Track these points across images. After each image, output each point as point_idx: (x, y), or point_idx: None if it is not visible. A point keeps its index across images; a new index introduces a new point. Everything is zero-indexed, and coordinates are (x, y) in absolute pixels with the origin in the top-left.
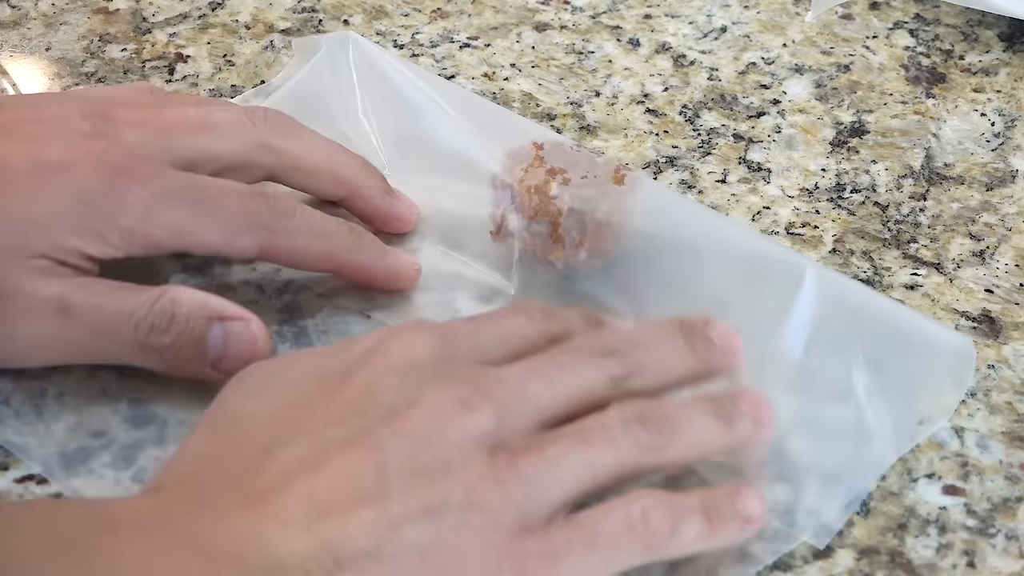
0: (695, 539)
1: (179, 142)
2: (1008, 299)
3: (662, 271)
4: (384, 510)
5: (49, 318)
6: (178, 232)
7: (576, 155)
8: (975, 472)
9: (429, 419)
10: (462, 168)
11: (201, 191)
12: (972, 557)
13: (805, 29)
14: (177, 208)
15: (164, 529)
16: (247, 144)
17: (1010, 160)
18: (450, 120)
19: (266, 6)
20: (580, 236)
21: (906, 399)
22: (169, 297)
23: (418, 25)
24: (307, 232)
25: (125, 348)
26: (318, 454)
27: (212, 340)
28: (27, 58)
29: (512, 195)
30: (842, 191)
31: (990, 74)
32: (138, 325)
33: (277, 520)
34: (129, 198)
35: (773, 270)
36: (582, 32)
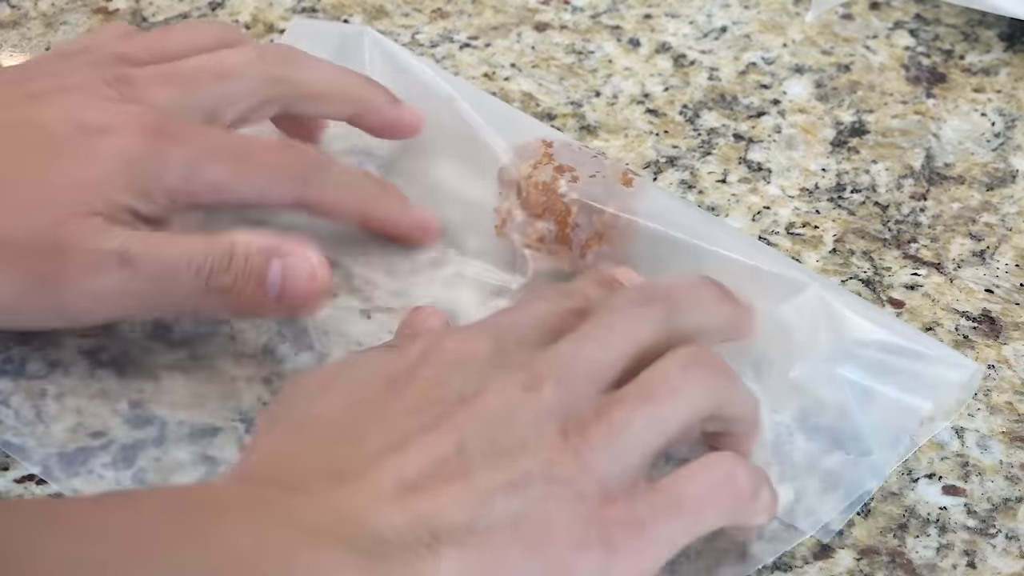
0: (768, 505)
1: (202, 93)
2: (1008, 299)
3: (666, 275)
4: (471, 484)
5: (112, 270)
6: (219, 189)
7: (583, 155)
8: (975, 472)
9: (499, 403)
10: (467, 162)
11: (238, 148)
12: (972, 557)
13: (805, 29)
14: (217, 166)
15: (266, 511)
16: (262, 81)
17: (1010, 160)
18: (461, 114)
19: (266, 6)
20: (587, 236)
21: (907, 402)
22: (228, 239)
23: (418, 25)
24: (339, 184)
25: (188, 294)
26: (400, 439)
27: (272, 275)
28: (27, 58)
29: (519, 191)
30: (842, 191)
31: (990, 74)
32: (199, 269)
33: (372, 497)
34: (171, 159)
35: (775, 283)
36: (582, 32)
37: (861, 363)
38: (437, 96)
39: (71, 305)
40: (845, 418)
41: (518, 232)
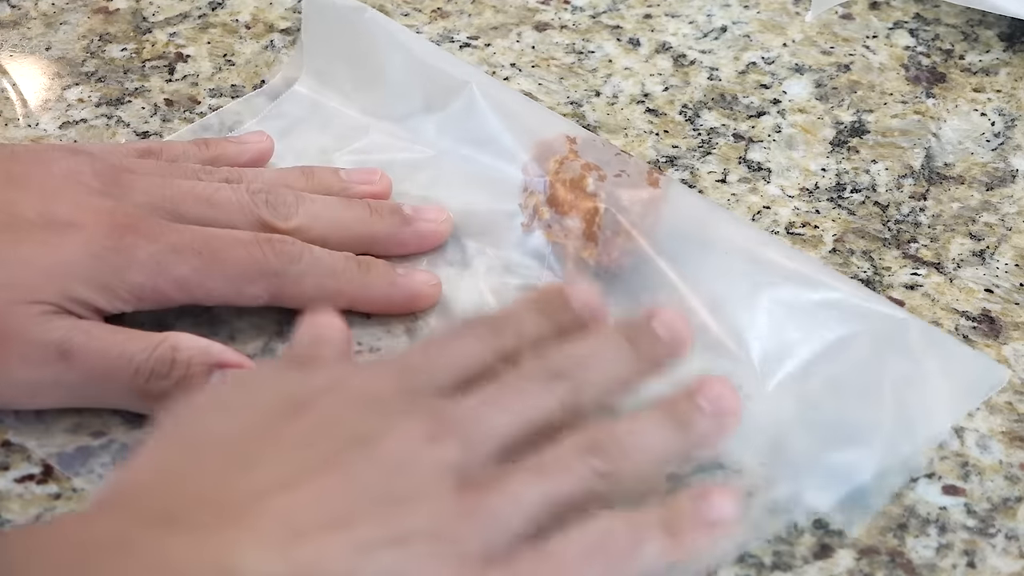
0: (659, 555)
1: (185, 209)
2: (1008, 299)
3: (692, 274)
4: (355, 535)
5: (50, 362)
6: (187, 286)
7: (607, 152)
8: (975, 472)
9: (398, 449)
10: (489, 157)
11: (208, 243)
12: (972, 557)
13: (805, 29)
14: (186, 262)
15: (139, 554)
16: (247, 220)
17: (1010, 160)
18: (479, 105)
19: (266, 6)
20: (614, 234)
21: (914, 403)
22: (170, 343)
23: (418, 25)
24: (316, 273)
25: (125, 393)
26: (292, 476)
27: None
28: (27, 58)
29: (546, 187)
30: (842, 191)
31: (990, 74)
32: (138, 370)
33: (253, 540)
34: (139, 254)
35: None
36: (582, 32)
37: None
38: (453, 83)
39: (3, 392)
40: (846, 414)
41: (545, 229)
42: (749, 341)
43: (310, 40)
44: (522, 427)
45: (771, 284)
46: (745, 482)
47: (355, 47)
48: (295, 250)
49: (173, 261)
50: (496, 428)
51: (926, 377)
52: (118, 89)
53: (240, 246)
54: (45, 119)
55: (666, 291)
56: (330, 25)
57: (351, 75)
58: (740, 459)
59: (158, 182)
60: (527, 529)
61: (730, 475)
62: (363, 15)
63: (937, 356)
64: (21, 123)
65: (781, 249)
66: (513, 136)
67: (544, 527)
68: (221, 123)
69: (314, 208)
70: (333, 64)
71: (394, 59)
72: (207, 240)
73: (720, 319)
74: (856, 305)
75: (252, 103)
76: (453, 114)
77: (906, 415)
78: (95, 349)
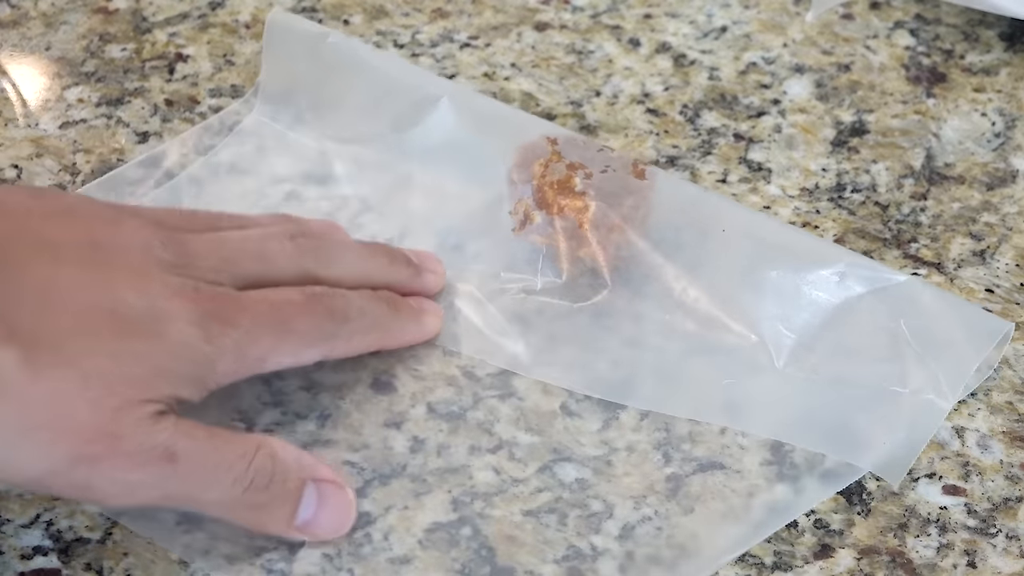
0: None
1: (242, 268)
2: (1008, 299)
3: (690, 261)
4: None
5: (153, 464)
6: (260, 364)
7: (589, 149)
8: (976, 472)
9: (120, 233)
10: (471, 166)
11: (277, 318)
12: (973, 557)
13: (805, 29)
14: (262, 341)
15: None
16: (296, 274)
17: (1011, 160)
18: (453, 117)
19: (266, 6)
20: (608, 231)
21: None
22: (267, 452)
23: (418, 25)
24: (362, 329)
25: (220, 500)
26: None
27: (305, 502)
28: (27, 58)
29: (534, 191)
30: (842, 191)
31: (991, 74)
32: (237, 480)
33: None
34: (226, 342)
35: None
36: (582, 32)
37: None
38: (424, 98)
39: (100, 490)
40: (846, 410)
41: (538, 232)
42: (757, 322)
43: (270, 68)
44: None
45: (771, 261)
46: (745, 483)
47: (318, 73)
48: (343, 306)
49: (251, 343)
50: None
51: (940, 329)
52: (118, 89)
53: (302, 314)
54: (45, 119)
55: (666, 282)
56: (292, 52)
57: (314, 101)
58: (741, 460)
59: (213, 241)
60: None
61: (730, 475)
62: (326, 40)
63: (946, 312)
64: (21, 123)
65: (776, 225)
66: (493, 143)
67: None
68: (221, 123)
69: (345, 257)
70: (295, 92)
71: (360, 81)
72: (274, 313)
73: (724, 304)
74: (858, 273)
75: (250, 103)
76: (429, 128)
77: (930, 365)
78: (199, 454)
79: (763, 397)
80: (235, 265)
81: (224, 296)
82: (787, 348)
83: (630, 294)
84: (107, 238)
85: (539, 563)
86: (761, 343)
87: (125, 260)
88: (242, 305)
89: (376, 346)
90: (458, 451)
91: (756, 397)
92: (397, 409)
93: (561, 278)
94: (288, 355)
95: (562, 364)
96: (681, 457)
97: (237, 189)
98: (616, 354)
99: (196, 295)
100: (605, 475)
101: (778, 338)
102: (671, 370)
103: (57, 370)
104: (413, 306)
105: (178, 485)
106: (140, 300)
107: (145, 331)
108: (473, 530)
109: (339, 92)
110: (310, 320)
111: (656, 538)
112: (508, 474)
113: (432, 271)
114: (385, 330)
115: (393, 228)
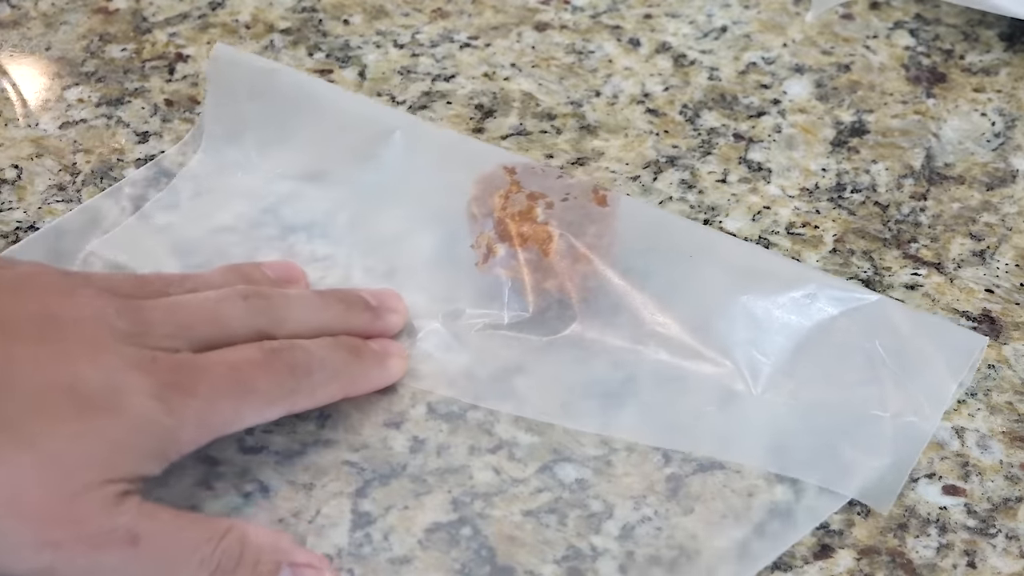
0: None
1: (198, 332)
2: (1008, 299)
3: (659, 288)
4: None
5: (116, 547)
6: (223, 427)
7: (548, 177)
8: (975, 472)
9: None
10: (428, 202)
11: (238, 382)
12: (972, 557)
13: (805, 29)
14: (223, 407)
15: None
16: (251, 334)
17: (1010, 160)
18: (407, 150)
19: (266, 6)
20: (574, 261)
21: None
22: (236, 535)
23: (418, 25)
24: (324, 380)
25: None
26: None
27: None
28: (27, 58)
29: (495, 223)
30: (842, 191)
31: (990, 74)
32: (203, 561)
33: None
34: (187, 413)
35: (773, 277)
36: (582, 32)
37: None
38: (377, 133)
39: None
40: (845, 414)
41: (501, 265)
42: (730, 348)
43: (216, 106)
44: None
45: (741, 286)
46: (745, 483)
47: (267, 109)
48: (303, 359)
49: (212, 410)
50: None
51: (916, 350)
52: (118, 89)
53: (262, 373)
54: (45, 119)
55: (636, 311)
56: (238, 88)
57: (263, 139)
58: (740, 461)
59: (167, 307)
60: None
61: (730, 475)
62: (274, 75)
63: (919, 330)
64: (21, 123)
65: (743, 248)
66: (450, 176)
67: None
68: (159, 170)
69: (300, 312)
70: (243, 130)
71: (311, 116)
72: (234, 375)
73: (696, 331)
74: (828, 294)
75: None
76: (383, 162)
77: (909, 387)
78: (163, 537)
79: (743, 425)
80: (190, 330)
81: (182, 363)
82: (764, 374)
83: (601, 325)
84: (61, 310)
85: (539, 563)
86: (736, 370)
87: (80, 333)
88: (200, 370)
89: (340, 395)
90: (458, 451)
91: (736, 425)
92: (397, 409)
93: (528, 311)
94: (251, 416)
95: (536, 398)
96: (681, 457)
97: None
98: (590, 385)
99: (153, 366)
100: (605, 475)
101: (753, 364)
102: (648, 400)
103: (15, 454)
104: (376, 350)
105: (141, 568)
106: (97, 374)
107: (104, 407)
108: (473, 530)
109: (289, 128)
110: (271, 378)
111: (656, 538)
112: (508, 474)
113: (393, 310)
114: (348, 378)
115: (350, 266)
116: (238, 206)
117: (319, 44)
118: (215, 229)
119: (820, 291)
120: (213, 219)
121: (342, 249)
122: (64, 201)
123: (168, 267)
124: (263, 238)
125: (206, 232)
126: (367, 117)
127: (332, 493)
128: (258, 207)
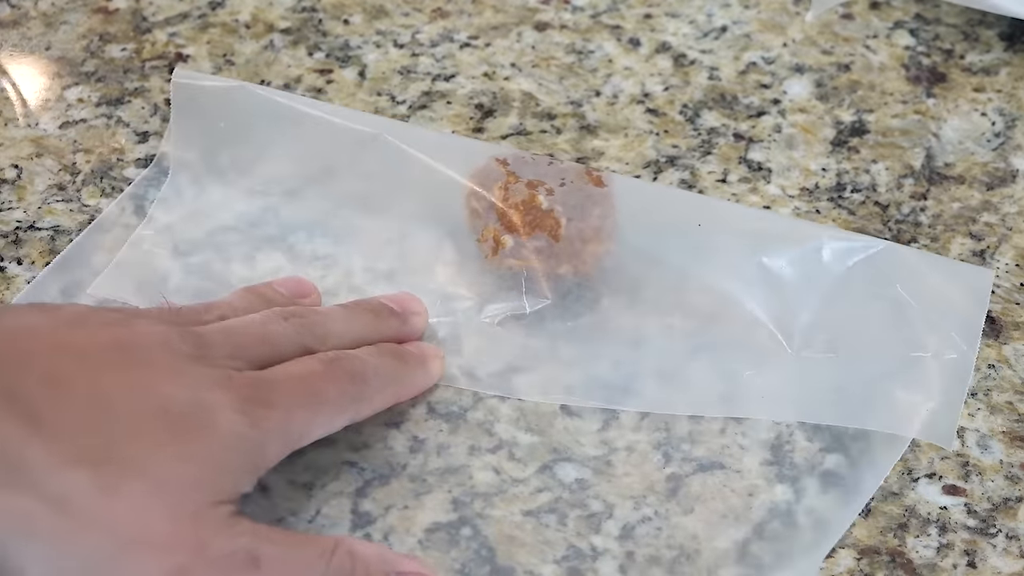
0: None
1: (253, 352)
2: (1008, 299)
3: (677, 260)
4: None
5: (239, 569)
6: (302, 439)
7: (540, 165)
8: (976, 472)
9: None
10: (427, 200)
11: (310, 391)
12: (973, 557)
13: (805, 29)
14: (298, 419)
15: None
16: (298, 349)
17: (1011, 160)
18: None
19: (266, 5)
20: (583, 243)
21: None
22: (345, 550)
23: (418, 25)
24: (380, 386)
25: None
26: None
27: None
28: (27, 58)
29: (499, 215)
30: (842, 191)
31: (991, 74)
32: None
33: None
34: (269, 425)
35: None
36: (582, 32)
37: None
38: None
39: None
40: (845, 410)
41: (513, 256)
42: (756, 310)
43: (181, 131)
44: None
45: (756, 248)
46: (745, 483)
47: (238, 128)
48: (360, 367)
49: (291, 420)
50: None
51: (934, 289)
52: (118, 89)
53: (331, 385)
54: (45, 119)
55: (659, 284)
56: (204, 110)
57: (238, 158)
58: (741, 460)
59: (221, 330)
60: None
61: (730, 475)
62: (240, 92)
63: (932, 270)
64: (21, 123)
65: (748, 212)
66: (442, 175)
67: None
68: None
69: (336, 326)
70: (214, 151)
71: (285, 129)
72: (303, 386)
73: (721, 297)
74: (838, 246)
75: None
76: (371, 168)
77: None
78: (280, 556)
79: (786, 383)
80: (246, 350)
81: (254, 379)
82: (796, 332)
83: (626, 302)
84: (128, 339)
85: (539, 563)
86: (768, 331)
87: (156, 358)
88: (273, 384)
89: (393, 400)
90: (458, 451)
91: (780, 385)
92: (397, 409)
93: (548, 298)
94: (321, 426)
95: (575, 382)
96: (681, 457)
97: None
98: (624, 364)
99: (231, 383)
100: (605, 475)
101: (783, 324)
102: (685, 371)
103: (127, 483)
104: (415, 353)
105: None
106: (184, 394)
107: (197, 427)
108: (473, 530)
109: (264, 144)
110: (336, 386)
111: (656, 538)
112: (508, 474)
113: (415, 312)
114: (399, 383)
115: (351, 266)
116: (228, 221)
117: (319, 44)
118: (207, 251)
119: (829, 243)
120: (198, 244)
121: (344, 259)
122: (64, 201)
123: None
124: (258, 258)
125: (205, 234)
126: (345, 124)
127: (332, 493)
128: (258, 206)
